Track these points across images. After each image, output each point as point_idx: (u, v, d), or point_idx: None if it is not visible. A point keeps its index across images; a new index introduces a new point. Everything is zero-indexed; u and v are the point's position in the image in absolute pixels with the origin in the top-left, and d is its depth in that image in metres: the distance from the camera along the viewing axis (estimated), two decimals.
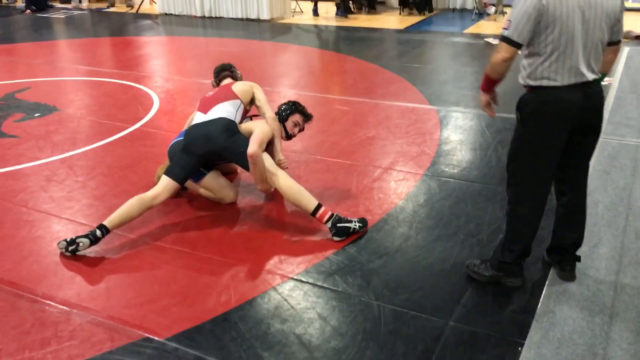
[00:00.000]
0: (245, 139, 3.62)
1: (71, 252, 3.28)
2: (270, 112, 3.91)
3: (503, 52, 2.63)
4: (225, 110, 3.78)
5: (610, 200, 3.75)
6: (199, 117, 3.81)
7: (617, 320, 2.70)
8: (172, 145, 3.87)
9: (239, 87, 3.98)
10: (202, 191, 3.94)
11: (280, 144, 3.90)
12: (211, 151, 3.64)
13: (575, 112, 2.63)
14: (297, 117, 4.03)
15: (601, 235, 3.36)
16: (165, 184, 3.57)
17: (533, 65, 2.63)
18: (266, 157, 3.61)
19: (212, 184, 3.82)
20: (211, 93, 3.97)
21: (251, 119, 4.03)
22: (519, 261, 2.95)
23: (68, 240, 3.29)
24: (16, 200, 4.02)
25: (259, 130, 3.67)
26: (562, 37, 2.53)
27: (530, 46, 2.62)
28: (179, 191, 3.81)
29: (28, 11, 12.30)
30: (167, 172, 3.62)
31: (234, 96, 3.88)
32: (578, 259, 3.01)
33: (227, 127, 3.67)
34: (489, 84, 2.80)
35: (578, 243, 3.00)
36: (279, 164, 3.75)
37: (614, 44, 2.70)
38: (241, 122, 3.88)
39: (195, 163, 3.66)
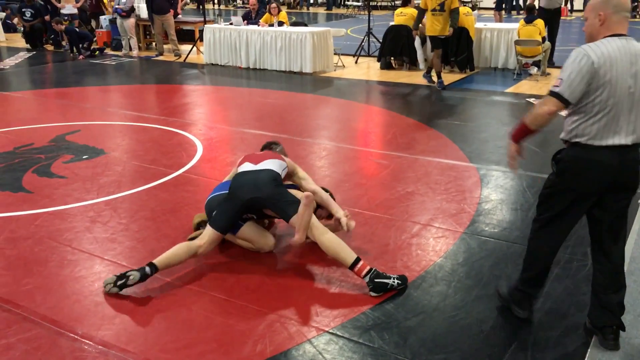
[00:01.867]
0: (291, 192, 3.72)
1: (119, 286, 3.35)
2: (314, 185, 4.05)
3: (551, 105, 2.73)
4: (275, 164, 3.89)
5: None
6: (247, 167, 3.89)
7: None
8: (209, 200, 3.96)
9: (283, 157, 4.13)
10: (240, 242, 3.98)
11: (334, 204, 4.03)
12: (256, 198, 3.68)
13: (610, 172, 2.73)
14: (324, 212, 4.15)
15: None
16: (209, 234, 3.66)
17: (577, 122, 2.73)
18: (313, 217, 3.66)
19: (250, 233, 3.87)
20: (257, 153, 4.12)
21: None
22: (528, 289, 3.12)
23: (118, 275, 3.38)
24: (61, 239, 4.13)
25: (312, 183, 3.96)
26: (610, 99, 2.65)
27: (577, 105, 2.72)
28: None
29: (81, 57, 12.85)
30: (212, 223, 3.70)
31: (281, 159, 4.02)
32: (622, 327, 2.93)
33: (275, 177, 3.77)
34: (524, 134, 2.90)
35: (621, 305, 2.94)
36: (346, 217, 3.90)
37: None
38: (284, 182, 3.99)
39: (238, 210, 3.72)
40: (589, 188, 2.80)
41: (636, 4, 20.63)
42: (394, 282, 3.43)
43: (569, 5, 22.32)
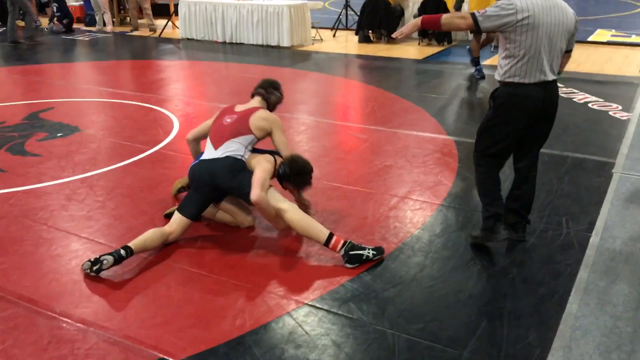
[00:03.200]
0: (251, 177, 3.60)
1: (95, 271, 3.31)
2: (286, 152, 3.88)
3: (467, 22, 3.26)
4: (234, 148, 3.74)
5: (628, 236, 3.73)
6: (208, 151, 3.80)
7: (635, 358, 2.66)
8: (192, 166, 3.93)
9: (258, 121, 3.85)
10: (220, 216, 3.97)
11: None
12: (216, 188, 3.69)
13: (537, 104, 3.34)
14: (291, 187, 3.90)
15: (619, 271, 3.34)
16: (178, 221, 3.66)
17: (509, 65, 3.30)
18: (272, 193, 3.59)
19: (230, 206, 3.87)
20: (229, 120, 3.88)
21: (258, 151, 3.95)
22: (496, 212, 3.55)
23: (92, 260, 3.33)
24: (37, 218, 4.09)
25: (260, 170, 3.61)
26: (534, 43, 3.22)
27: (507, 50, 3.28)
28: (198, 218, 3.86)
29: (56, 22, 12.61)
30: (180, 209, 3.70)
31: (249, 131, 3.81)
32: (529, 221, 3.71)
33: (232, 166, 3.66)
34: (432, 26, 3.40)
35: (529, 206, 3.69)
36: (302, 204, 3.83)
37: (568, 52, 3.46)
38: (254, 150, 3.88)
39: (206, 199, 3.74)
40: (521, 118, 3.36)
41: None
42: (369, 252, 3.45)
43: None
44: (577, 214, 4.00)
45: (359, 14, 11.38)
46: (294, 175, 3.77)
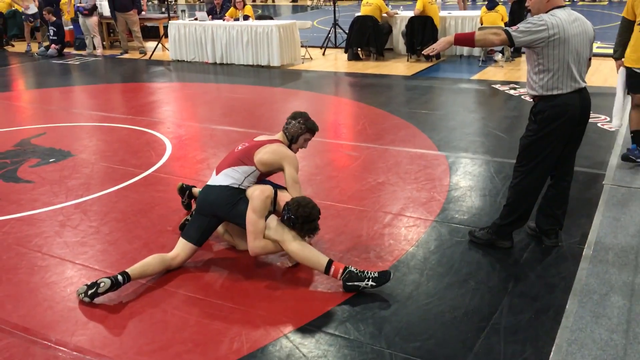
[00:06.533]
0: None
1: (90, 296, 3.30)
2: (294, 193, 3.72)
3: (501, 39, 3.42)
4: (233, 176, 3.67)
5: (620, 247, 3.76)
6: (212, 177, 3.79)
7: None
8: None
9: (264, 155, 3.73)
10: (221, 230, 3.95)
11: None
12: (216, 215, 3.70)
13: (576, 110, 3.52)
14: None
15: (612, 283, 3.36)
16: (182, 247, 3.66)
17: (545, 79, 3.47)
18: (269, 226, 3.52)
19: (232, 226, 3.88)
20: (240, 147, 3.82)
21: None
22: (514, 226, 3.79)
23: (89, 283, 3.33)
24: (31, 245, 4.07)
25: (250, 212, 3.48)
26: (565, 56, 3.41)
27: (539, 65, 3.45)
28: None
29: (53, 46, 12.73)
30: (184, 235, 3.69)
31: (251, 162, 3.70)
32: (562, 226, 3.88)
33: (230, 198, 3.62)
34: (465, 43, 3.57)
35: (565, 209, 3.86)
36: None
37: (589, 59, 3.64)
38: (258, 181, 3.75)
39: (208, 224, 3.72)
40: (565, 126, 3.51)
41: None
42: (367, 283, 3.35)
43: None
44: (569, 226, 4.03)
45: (347, 32, 11.48)
46: (300, 224, 3.49)
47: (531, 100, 3.69)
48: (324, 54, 12.14)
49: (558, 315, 3.10)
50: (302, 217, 3.46)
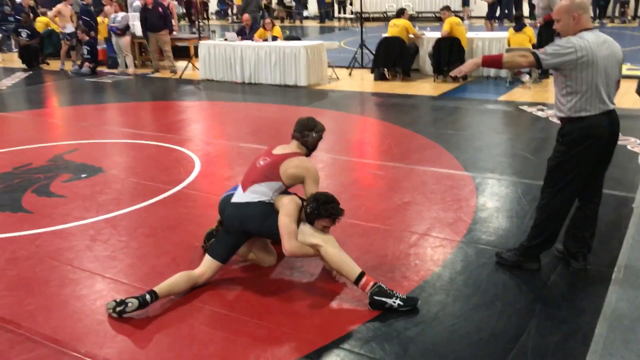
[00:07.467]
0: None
1: (118, 313, 3.35)
2: None
3: (529, 61, 3.43)
4: (262, 192, 3.72)
5: None
6: (237, 194, 3.82)
7: None
8: (222, 199, 4.00)
9: (289, 169, 3.76)
10: (245, 251, 3.98)
11: None
12: (246, 232, 3.74)
13: (605, 132, 3.50)
14: (325, 222, 3.62)
15: None
16: (208, 264, 3.70)
17: (573, 101, 3.46)
18: (303, 231, 3.58)
19: (255, 245, 3.92)
20: (262, 163, 3.84)
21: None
22: (542, 248, 3.77)
23: (117, 300, 3.38)
24: (62, 258, 4.16)
25: (283, 215, 3.56)
26: (594, 78, 3.40)
27: (567, 87, 3.45)
28: None
29: (86, 64, 13.19)
30: (211, 253, 3.73)
31: (278, 178, 3.75)
32: (590, 249, 3.80)
33: (262, 212, 3.67)
34: (493, 64, 3.62)
35: (593, 231, 3.81)
36: None
37: (617, 81, 3.59)
38: (284, 191, 3.83)
39: (236, 242, 3.76)
40: (593, 148, 3.50)
41: (623, 9, 20.99)
42: (394, 302, 3.35)
43: None
44: (598, 249, 3.98)
45: (374, 52, 11.56)
46: (322, 205, 3.56)
47: (559, 121, 3.68)
48: (350, 74, 12.22)
49: (587, 339, 3.06)
50: (322, 200, 3.61)
